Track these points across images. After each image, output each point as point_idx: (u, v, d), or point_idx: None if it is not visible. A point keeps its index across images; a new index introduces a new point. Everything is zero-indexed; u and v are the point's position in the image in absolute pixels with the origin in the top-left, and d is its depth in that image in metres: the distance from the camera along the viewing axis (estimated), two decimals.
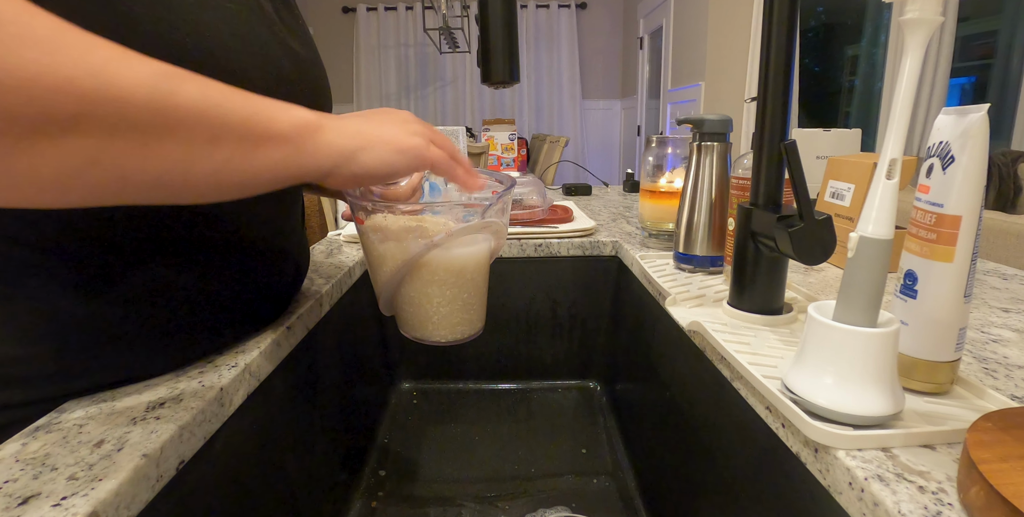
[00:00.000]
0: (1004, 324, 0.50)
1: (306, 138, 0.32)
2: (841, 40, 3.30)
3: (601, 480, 0.74)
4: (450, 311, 0.46)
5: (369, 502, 0.70)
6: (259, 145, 0.30)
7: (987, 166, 0.32)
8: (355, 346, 0.75)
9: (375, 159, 0.35)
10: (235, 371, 0.41)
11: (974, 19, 2.60)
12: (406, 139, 0.37)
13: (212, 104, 0.28)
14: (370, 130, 0.36)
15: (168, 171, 0.27)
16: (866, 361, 0.31)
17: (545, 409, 0.90)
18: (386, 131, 0.36)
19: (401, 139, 0.37)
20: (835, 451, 0.30)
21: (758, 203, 0.47)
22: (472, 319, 0.48)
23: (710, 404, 0.50)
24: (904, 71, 0.30)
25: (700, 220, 0.65)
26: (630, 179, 1.45)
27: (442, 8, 2.70)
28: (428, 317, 0.46)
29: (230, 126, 0.28)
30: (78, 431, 0.33)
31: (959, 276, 0.33)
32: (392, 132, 0.37)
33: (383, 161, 0.35)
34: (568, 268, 0.89)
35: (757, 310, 0.49)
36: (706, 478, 0.51)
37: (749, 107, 2.76)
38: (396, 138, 0.36)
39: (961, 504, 0.26)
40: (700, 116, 0.63)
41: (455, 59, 4.54)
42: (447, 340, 0.48)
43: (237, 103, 0.29)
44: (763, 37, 0.44)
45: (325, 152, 0.33)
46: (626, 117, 4.69)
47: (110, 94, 0.24)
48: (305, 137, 0.32)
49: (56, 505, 0.26)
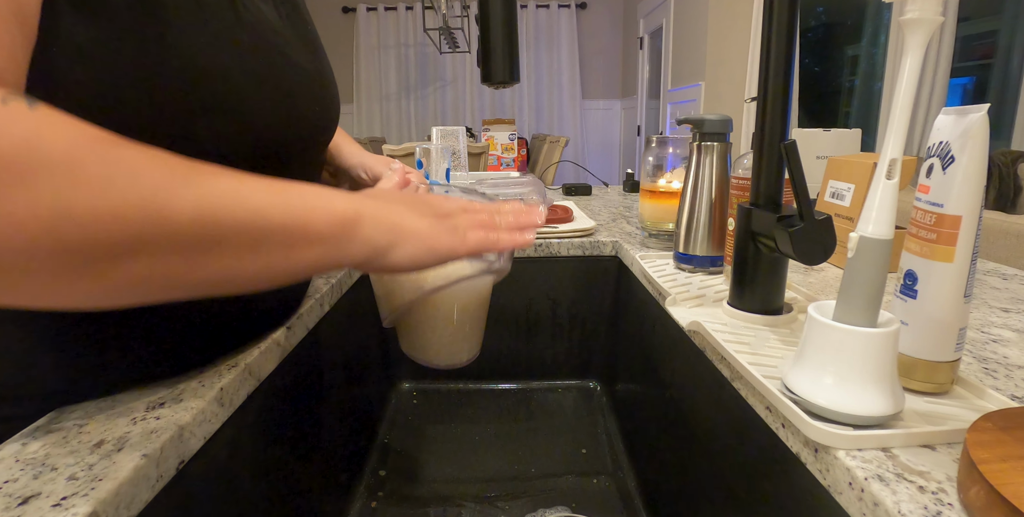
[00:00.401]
0: (1004, 324, 0.50)
1: (344, 236, 0.33)
2: (841, 40, 3.30)
3: (601, 480, 0.74)
4: (451, 341, 0.48)
5: (369, 502, 0.70)
6: (300, 248, 0.31)
7: (987, 166, 0.32)
8: (355, 346, 0.75)
9: (405, 257, 0.35)
10: (235, 371, 0.41)
11: (974, 19, 2.60)
12: (441, 238, 0.37)
13: (252, 214, 0.28)
14: (407, 223, 0.35)
15: (214, 277, 0.29)
16: (866, 361, 0.31)
17: (545, 409, 0.90)
18: (423, 226, 0.36)
19: (435, 237, 0.36)
20: (835, 451, 0.30)
21: (758, 203, 0.47)
22: (471, 346, 0.50)
23: (710, 404, 0.50)
24: (904, 71, 0.30)
25: (700, 220, 0.65)
26: (630, 179, 1.45)
27: (442, 8, 2.70)
28: (429, 344, 0.48)
29: (271, 233, 0.29)
30: (78, 431, 0.33)
31: (959, 276, 0.33)
32: (428, 228, 0.36)
33: (413, 258, 0.36)
34: (568, 268, 0.89)
35: (757, 310, 0.49)
36: (706, 478, 0.51)
37: (749, 107, 2.76)
38: (431, 236, 0.36)
39: (961, 504, 0.26)
40: (700, 116, 0.63)
41: (455, 59, 4.54)
42: (445, 365, 0.49)
43: (277, 208, 0.30)
44: (763, 37, 0.44)
45: (360, 248, 0.33)
46: (626, 117, 4.69)
47: (158, 222, 0.25)
48: (342, 236, 0.32)
49: (56, 505, 0.26)
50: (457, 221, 0.38)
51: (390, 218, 0.35)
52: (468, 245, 0.38)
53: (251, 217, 0.28)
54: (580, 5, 4.59)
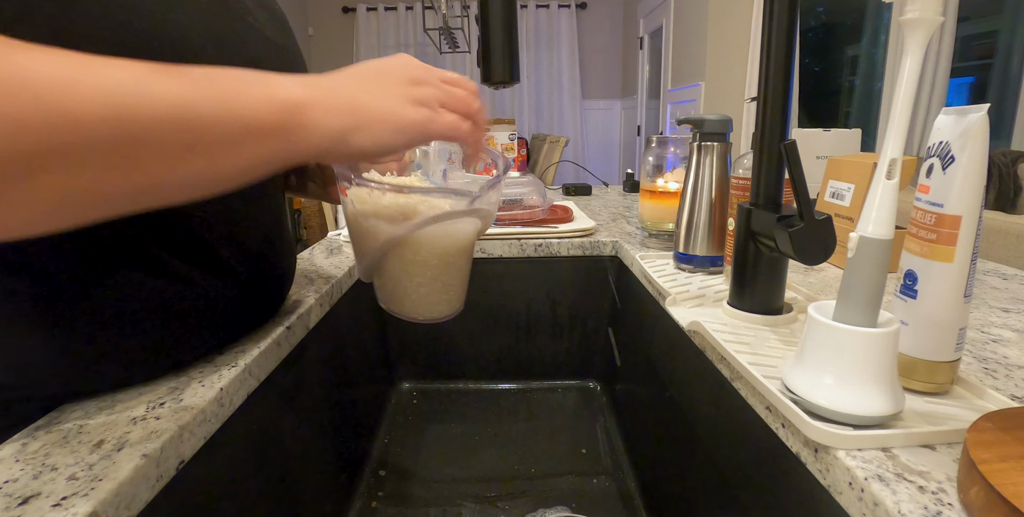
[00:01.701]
0: (1004, 324, 0.50)
1: (292, 125, 0.29)
2: (841, 40, 3.30)
3: (601, 480, 0.74)
4: (429, 291, 0.45)
5: (369, 502, 0.70)
6: (240, 143, 0.27)
7: (987, 166, 0.32)
8: (355, 346, 0.75)
9: (370, 140, 0.31)
10: (235, 371, 0.41)
11: (974, 19, 2.60)
12: (408, 113, 0.33)
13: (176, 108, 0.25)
14: (366, 102, 0.31)
15: (149, 185, 0.26)
16: (866, 361, 0.31)
17: (545, 409, 0.90)
18: (385, 104, 0.32)
19: (402, 114, 0.32)
20: (835, 451, 0.30)
21: (758, 203, 0.47)
22: (451, 299, 0.47)
23: (710, 404, 0.50)
24: (904, 71, 0.30)
25: (700, 220, 0.65)
26: (630, 179, 1.45)
27: (442, 8, 2.70)
28: (407, 294, 0.45)
29: (203, 129, 0.26)
30: (78, 431, 0.33)
31: (959, 276, 0.33)
32: (392, 104, 0.32)
33: (379, 142, 0.32)
34: (568, 268, 0.89)
35: (757, 310, 0.49)
36: (706, 478, 0.51)
37: (749, 107, 2.76)
38: (396, 113, 0.32)
39: (961, 504, 0.26)
40: (700, 116, 0.63)
41: (455, 59, 4.54)
42: (424, 318, 0.46)
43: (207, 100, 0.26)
44: (763, 37, 0.44)
45: (315, 136, 0.30)
46: (626, 117, 4.69)
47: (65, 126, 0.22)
48: (290, 125, 0.29)
49: (56, 505, 0.26)
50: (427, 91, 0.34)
51: (345, 97, 0.31)
52: (441, 123, 0.34)
53: (175, 111, 0.25)
54: (580, 5, 4.59)
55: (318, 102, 0.30)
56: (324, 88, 0.30)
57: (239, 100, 0.27)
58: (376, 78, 0.33)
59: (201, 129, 0.26)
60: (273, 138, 0.28)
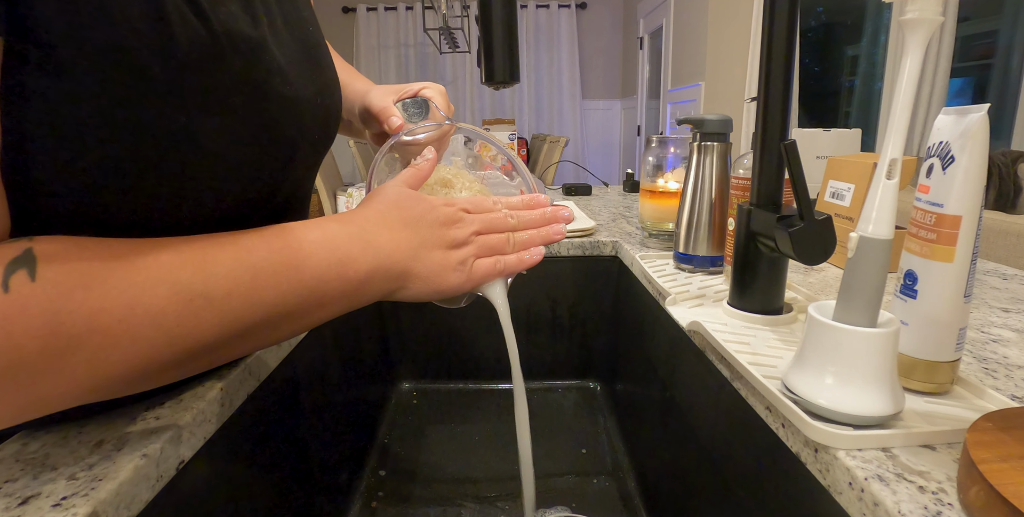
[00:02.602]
0: (1004, 324, 0.50)
1: (355, 295, 0.35)
2: (841, 40, 3.30)
3: (601, 480, 0.74)
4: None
5: (369, 502, 0.70)
6: (313, 314, 0.34)
7: (987, 166, 0.32)
8: (355, 346, 0.75)
9: (411, 296, 0.39)
10: (235, 371, 0.41)
11: (974, 19, 2.60)
12: (448, 279, 0.39)
13: (270, 308, 0.31)
14: (414, 268, 0.38)
15: (235, 355, 0.32)
16: (866, 361, 0.31)
17: (545, 409, 0.90)
18: (428, 268, 0.38)
19: (440, 281, 0.39)
20: (835, 451, 0.30)
21: (758, 203, 0.47)
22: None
23: (710, 404, 0.50)
24: (904, 71, 0.30)
25: (700, 220, 0.65)
26: (630, 179, 1.44)
27: (442, 8, 2.70)
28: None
29: (288, 315, 0.32)
30: (78, 431, 0.33)
31: (959, 276, 0.33)
32: (434, 269, 0.38)
33: (418, 297, 0.39)
34: (568, 268, 0.89)
35: (757, 310, 0.49)
36: (706, 478, 0.51)
37: (749, 107, 2.76)
38: (436, 278, 0.39)
39: (961, 504, 0.26)
40: (700, 116, 0.63)
41: (455, 59, 4.54)
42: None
43: (292, 294, 0.32)
44: (763, 37, 0.44)
45: (370, 297, 0.37)
46: (626, 117, 4.69)
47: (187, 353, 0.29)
48: (353, 295, 0.35)
49: (56, 505, 0.26)
50: (466, 253, 0.40)
51: (397, 265, 0.37)
52: (474, 281, 0.41)
53: (269, 311, 0.31)
54: (580, 5, 4.59)
55: (379, 275, 0.36)
56: (382, 256, 0.36)
57: (319, 286, 0.33)
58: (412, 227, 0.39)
59: (287, 316, 0.32)
60: (337, 304, 0.35)
